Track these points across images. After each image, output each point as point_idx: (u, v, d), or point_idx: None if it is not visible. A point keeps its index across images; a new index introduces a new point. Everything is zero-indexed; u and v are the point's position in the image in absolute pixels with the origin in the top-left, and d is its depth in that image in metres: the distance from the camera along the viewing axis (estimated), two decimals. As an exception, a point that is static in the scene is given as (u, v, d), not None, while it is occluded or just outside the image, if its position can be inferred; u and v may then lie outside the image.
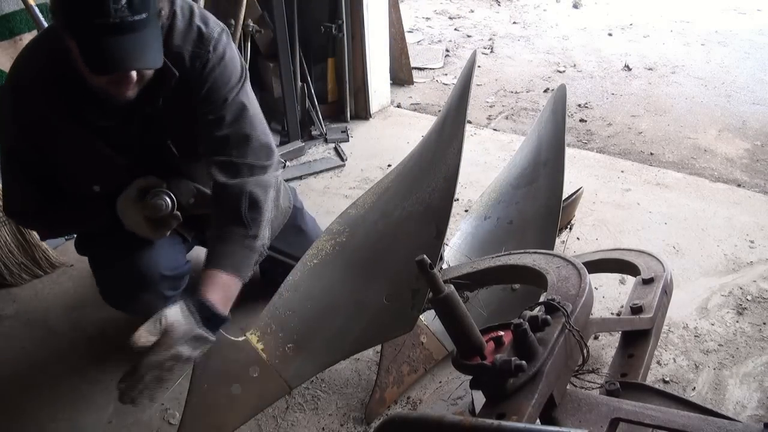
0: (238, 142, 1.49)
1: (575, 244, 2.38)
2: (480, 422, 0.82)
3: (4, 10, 2.22)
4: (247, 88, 1.53)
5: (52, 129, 1.44)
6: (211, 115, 1.47)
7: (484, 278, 1.43)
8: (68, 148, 1.47)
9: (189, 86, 1.45)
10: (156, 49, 1.26)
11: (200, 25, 1.45)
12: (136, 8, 1.18)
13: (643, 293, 1.48)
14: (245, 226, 1.44)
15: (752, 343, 1.91)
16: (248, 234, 1.43)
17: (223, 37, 1.48)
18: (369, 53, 3.32)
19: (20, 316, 2.16)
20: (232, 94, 1.48)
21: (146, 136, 1.50)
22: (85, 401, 1.81)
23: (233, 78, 1.49)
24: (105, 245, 1.66)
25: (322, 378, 1.83)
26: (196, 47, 1.43)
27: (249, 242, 1.43)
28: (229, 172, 1.47)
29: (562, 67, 4.28)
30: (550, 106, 2.07)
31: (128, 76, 1.27)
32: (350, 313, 1.46)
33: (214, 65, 1.46)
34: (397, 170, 1.76)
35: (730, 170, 2.93)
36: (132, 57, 1.22)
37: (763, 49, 4.46)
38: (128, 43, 1.19)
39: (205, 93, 1.46)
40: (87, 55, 1.21)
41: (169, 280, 1.70)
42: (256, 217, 1.46)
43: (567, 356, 1.03)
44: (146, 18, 1.20)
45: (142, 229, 1.56)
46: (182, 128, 1.52)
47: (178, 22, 1.41)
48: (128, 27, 1.18)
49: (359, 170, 3.00)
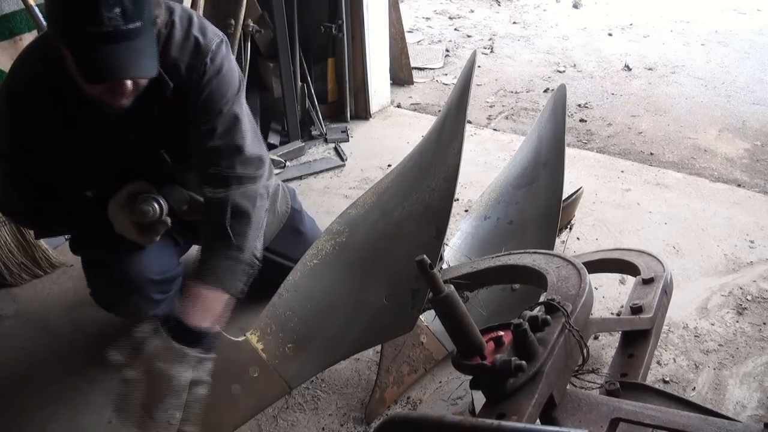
0: (230, 153, 1.47)
1: (575, 244, 2.38)
2: (480, 422, 0.82)
3: (4, 10, 2.22)
4: (241, 99, 1.52)
5: (45, 135, 1.43)
6: (204, 126, 1.45)
7: (484, 278, 1.43)
8: (62, 154, 1.46)
9: (185, 96, 1.44)
10: (150, 58, 1.24)
11: (198, 36, 1.43)
12: (129, 16, 1.16)
13: (643, 293, 1.48)
14: (229, 238, 1.40)
15: (752, 343, 1.91)
16: (232, 245, 1.40)
17: (222, 48, 1.47)
18: (369, 53, 3.32)
19: (20, 316, 2.16)
20: (227, 106, 1.47)
21: (140, 144, 1.50)
22: (85, 401, 1.81)
23: (230, 90, 1.48)
24: (96, 247, 1.66)
25: (322, 378, 1.83)
26: (193, 59, 1.42)
27: (233, 254, 1.40)
28: (218, 184, 1.45)
29: (562, 67, 4.28)
30: (550, 106, 2.07)
31: (123, 84, 1.26)
32: (350, 313, 1.46)
33: (211, 77, 1.44)
34: (397, 170, 1.76)
35: (730, 170, 2.93)
36: (126, 66, 1.20)
37: (763, 49, 4.46)
38: (122, 51, 1.18)
39: (201, 104, 1.45)
40: (80, 64, 1.19)
41: (159, 284, 1.69)
42: (242, 229, 1.42)
43: (567, 356, 1.03)
44: (140, 26, 1.18)
45: (131, 233, 1.55)
46: (177, 137, 1.51)
47: (176, 32, 1.40)
48: (122, 35, 1.16)
49: (359, 170, 3.00)
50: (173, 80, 1.39)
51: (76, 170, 1.50)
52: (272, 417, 1.72)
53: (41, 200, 1.56)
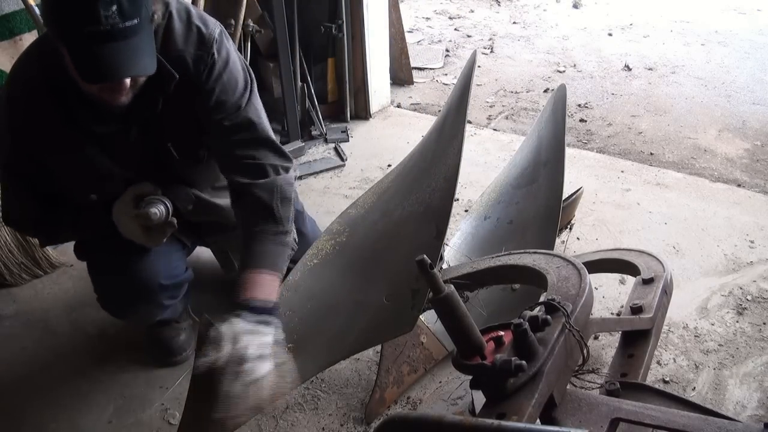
0: (259, 144, 1.50)
1: (575, 244, 2.38)
2: (480, 422, 0.82)
3: (4, 10, 2.22)
4: (256, 92, 1.54)
5: (47, 139, 1.42)
6: (227, 121, 1.47)
7: (484, 278, 1.43)
8: (65, 156, 1.45)
9: (193, 90, 1.44)
10: (149, 55, 1.24)
11: (200, 26, 1.43)
12: (126, 14, 1.15)
13: (643, 293, 1.48)
14: (277, 222, 1.45)
15: (752, 343, 1.91)
16: (280, 230, 1.45)
17: (223, 38, 1.47)
18: (369, 53, 3.32)
19: (20, 316, 2.16)
20: (244, 99, 1.49)
21: (145, 139, 1.49)
22: (85, 401, 1.81)
23: (240, 80, 1.49)
24: (103, 250, 1.65)
25: (322, 378, 1.83)
26: (199, 49, 1.42)
27: (282, 238, 1.45)
28: (257, 174, 1.48)
29: (562, 67, 4.28)
30: (550, 106, 2.07)
31: (121, 82, 1.25)
32: (350, 313, 1.46)
33: (221, 71, 1.45)
34: (397, 170, 1.76)
35: (730, 170, 2.93)
36: (125, 65, 1.20)
37: (763, 49, 4.46)
38: (120, 50, 1.17)
39: (215, 100, 1.45)
40: (78, 63, 1.19)
41: (168, 289, 1.70)
42: (287, 214, 1.48)
43: (567, 356, 1.03)
44: (138, 24, 1.18)
45: (137, 236, 1.54)
46: (183, 130, 1.51)
47: (175, 24, 1.40)
48: (119, 34, 1.16)
49: (359, 170, 3.00)
50: (179, 72, 1.38)
51: (80, 173, 1.49)
52: (272, 417, 1.73)
53: (44, 210, 1.54)
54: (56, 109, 1.38)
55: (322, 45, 3.28)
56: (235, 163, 1.50)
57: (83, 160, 1.46)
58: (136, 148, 1.50)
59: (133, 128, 1.46)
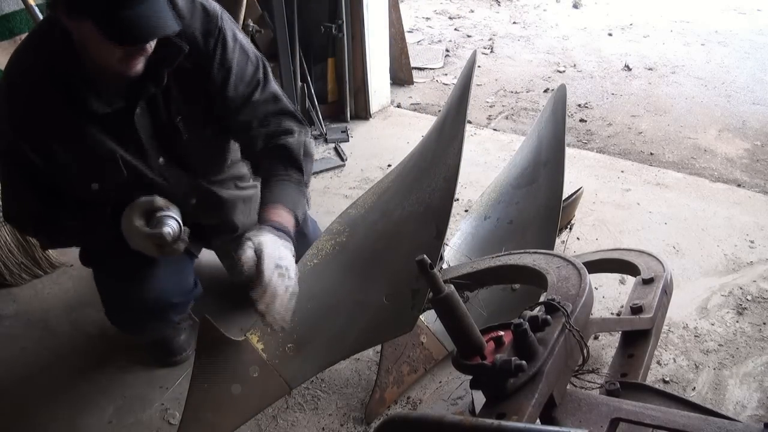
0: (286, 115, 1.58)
1: (575, 244, 2.38)
2: (480, 422, 0.82)
3: (4, 10, 2.22)
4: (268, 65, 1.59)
5: (48, 126, 1.40)
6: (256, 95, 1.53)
7: (484, 278, 1.43)
8: (65, 144, 1.43)
9: (202, 65, 1.45)
10: (169, 15, 1.27)
11: (203, 2, 1.46)
12: None
13: (643, 293, 1.48)
14: (301, 173, 1.53)
15: (752, 343, 1.91)
16: (302, 180, 1.53)
17: (225, 14, 1.50)
18: (369, 53, 3.32)
19: (20, 316, 2.16)
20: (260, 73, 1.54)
21: (151, 117, 1.48)
22: (85, 401, 1.81)
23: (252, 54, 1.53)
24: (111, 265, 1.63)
25: (322, 378, 1.83)
26: (206, 23, 1.44)
27: (302, 188, 1.53)
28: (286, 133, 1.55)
29: (562, 67, 4.28)
30: (550, 106, 2.07)
31: (143, 47, 1.28)
32: (350, 313, 1.45)
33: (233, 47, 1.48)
34: (397, 170, 1.76)
35: (730, 170, 2.93)
36: (154, 24, 1.23)
37: (763, 49, 4.46)
38: (146, 11, 1.21)
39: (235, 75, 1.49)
40: (108, 29, 1.20)
41: (179, 306, 1.71)
42: (309, 168, 1.57)
43: (567, 356, 1.03)
44: None
45: (150, 252, 1.49)
46: (190, 108, 1.50)
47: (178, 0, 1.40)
48: None
49: (359, 170, 3.00)
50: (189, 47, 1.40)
51: (80, 159, 1.45)
52: (272, 417, 1.73)
53: (44, 204, 1.51)
54: (58, 93, 1.37)
55: (322, 45, 3.28)
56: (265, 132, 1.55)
57: (85, 143, 1.43)
58: (141, 127, 1.47)
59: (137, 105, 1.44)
